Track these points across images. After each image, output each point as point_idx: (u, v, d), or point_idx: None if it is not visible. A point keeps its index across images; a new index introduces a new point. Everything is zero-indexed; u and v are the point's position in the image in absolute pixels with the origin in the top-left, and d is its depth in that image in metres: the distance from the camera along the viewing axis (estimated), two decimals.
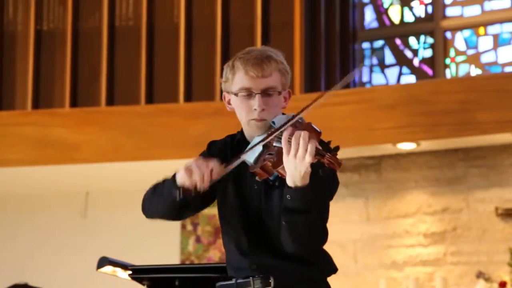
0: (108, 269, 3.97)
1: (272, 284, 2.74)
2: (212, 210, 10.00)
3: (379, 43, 8.34)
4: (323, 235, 2.72)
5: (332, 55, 7.94)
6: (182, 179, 2.69)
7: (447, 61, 8.06)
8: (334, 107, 6.97)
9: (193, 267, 4.53)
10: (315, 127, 2.62)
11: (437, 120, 6.90)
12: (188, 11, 7.92)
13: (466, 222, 7.19)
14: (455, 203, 7.23)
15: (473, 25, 8.06)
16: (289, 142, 2.56)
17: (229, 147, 2.96)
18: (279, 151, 2.62)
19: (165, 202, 2.81)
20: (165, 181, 2.81)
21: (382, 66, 8.28)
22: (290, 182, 2.58)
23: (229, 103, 2.93)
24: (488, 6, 8.05)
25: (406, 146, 7.14)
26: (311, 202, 2.62)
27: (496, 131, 6.84)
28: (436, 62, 8.08)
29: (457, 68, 8.04)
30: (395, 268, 7.29)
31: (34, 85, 8.00)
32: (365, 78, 8.32)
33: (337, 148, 2.54)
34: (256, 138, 2.79)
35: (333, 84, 7.90)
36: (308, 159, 2.51)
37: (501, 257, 7.00)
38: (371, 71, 8.31)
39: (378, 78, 8.28)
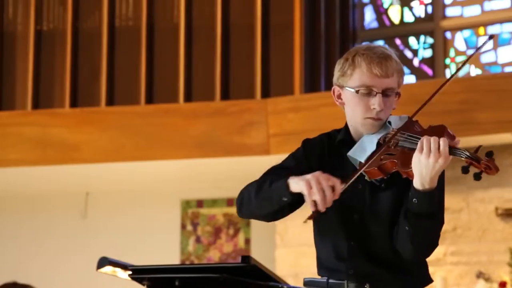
0: (108, 269, 3.97)
1: None
2: (211, 210, 9.97)
3: (379, 43, 8.34)
4: (437, 242, 2.67)
5: (332, 55, 7.94)
6: (298, 190, 2.54)
7: (447, 61, 8.06)
8: (334, 107, 6.96)
9: (193, 267, 4.53)
10: (449, 131, 2.60)
11: (437, 120, 6.87)
12: (188, 11, 7.92)
13: (466, 222, 7.19)
14: (455, 203, 7.23)
15: (473, 25, 8.06)
16: (420, 143, 2.51)
17: (326, 146, 2.84)
18: (405, 152, 2.57)
19: (270, 207, 2.68)
20: (272, 183, 2.64)
21: None
22: (418, 184, 2.52)
23: (339, 97, 2.85)
24: (488, 6, 8.05)
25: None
26: (437, 207, 2.58)
27: (496, 131, 6.84)
28: (436, 62, 8.09)
29: (457, 68, 8.04)
30: None
31: (34, 85, 8.01)
32: None
33: (491, 153, 2.53)
34: (366, 138, 2.71)
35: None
36: (443, 159, 2.48)
37: (501, 257, 7.00)
38: None
39: None
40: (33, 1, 8.11)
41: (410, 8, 8.32)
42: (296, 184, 2.55)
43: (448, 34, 8.14)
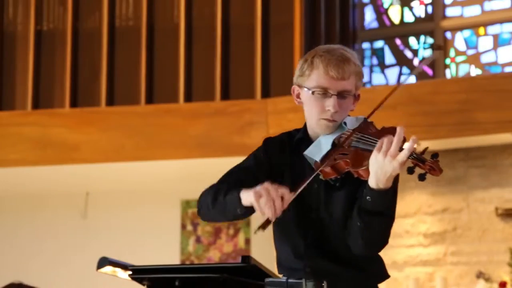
0: (108, 269, 3.97)
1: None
2: None
3: (379, 43, 8.34)
4: (388, 239, 2.71)
5: None
6: (249, 203, 2.59)
7: (447, 61, 8.06)
8: None
9: (193, 267, 4.53)
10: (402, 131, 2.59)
11: (437, 120, 6.90)
12: (188, 11, 7.92)
13: (466, 222, 7.19)
14: (455, 203, 7.23)
15: (473, 25, 8.06)
16: (373, 143, 2.55)
17: (287, 145, 2.87)
18: (357, 152, 2.60)
19: (226, 217, 2.75)
20: (226, 195, 2.70)
21: (382, 66, 8.29)
22: (373, 183, 2.54)
23: (298, 96, 2.86)
24: (488, 6, 8.05)
25: (406, 146, 7.14)
26: (390, 205, 2.60)
27: (496, 131, 6.84)
28: (436, 62, 8.09)
29: (457, 68, 8.04)
30: (395, 268, 7.29)
31: (34, 85, 8.01)
32: (365, 78, 8.31)
33: (436, 155, 2.51)
34: (322, 138, 2.75)
35: None
36: (400, 160, 2.48)
37: (501, 257, 7.00)
38: (371, 71, 8.31)
39: (378, 78, 8.28)
40: (33, 1, 8.11)
41: (410, 8, 8.32)
42: (246, 197, 2.60)
43: (448, 34, 8.13)
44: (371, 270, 2.78)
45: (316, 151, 2.72)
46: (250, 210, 2.62)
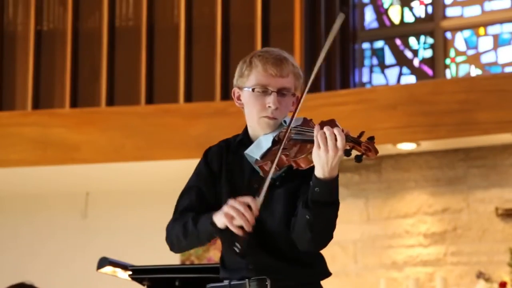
0: (108, 269, 3.97)
1: (268, 286, 2.74)
2: None
3: (379, 43, 8.34)
4: (333, 231, 2.73)
5: (332, 55, 7.94)
6: (223, 224, 2.65)
7: (447, 61, 8.06)
8: (334, 107, 6.98)
9: (193, 267, 4.53)
10: (337, 123, 2.65)
11: (437, 120, 6.90)
12: (188, 11, 7.92)
13: (466, 222, 7.19)
14: (455, 203, 7.23)
15: (473, 25, 8.06)
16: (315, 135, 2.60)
17: (224, 150, 2.97)
18: (296, 144, 2.66)
19: (201, 243, 2.83)
20: (197, 224, 2.77)
21: (382, 66, 8.29)
22: (319, 173, 2.59)
23: (238, 98, 2.98)
24: (488, 6, 8.05)
25: (406, 146, 7.14)
26: (337, 193, 2.65)
27: (496, 131, 6.84)
28: (436, 62, 8.08)
29: (457, 68, 8.04)
30: (395, 268, 7.29)
31: (34, 85, 8.00)
32: (365, 79, 8.31)
33: (372, 137, 2.58)
34: (263, 137, 2.81)
35: (333, 84, 7.90)
36: (340, 146, 2.54)
37: (501, 257, 7.00)
38: (371, 71, 8.31)
39: (378, 78, 8.28)
40: (33, 1, 8.11)
41: (410, 8, 8.32)
42: (218, 220, 2.66)
43: (448, 34, 8.13)
44: (315, 267, 2.81)
45: (257, 150, 2.78)
46: (226, 230, 2.67)
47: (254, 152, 2.78)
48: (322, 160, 2.57)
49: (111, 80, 7.95)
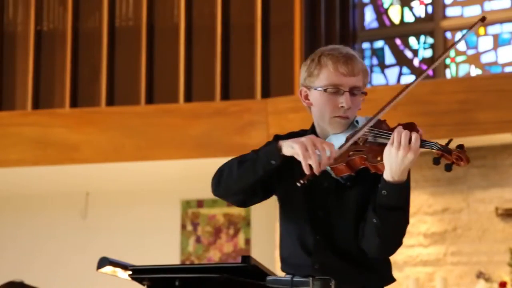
0: (108, 269, 3.97)
1: (332, 287, 2.69)
2: (211, 210, 9.95)
3: (379, 43, 8.34)
4: (403, 238, 2.68)
5: None
6: (290, 153, 2.56)
7: (447, 61, 8.06)
8: None
9: (193, 267, 4.53)
10: (417, 127, 2.62)
11: (437, 120, 6.90)
12: (188, 11, 7.92)
13: (466, 222, 7.19)
14: (455, 203, 7.23)
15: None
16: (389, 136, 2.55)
17: None
18: (374, 147, 2.61)
19: (253, 175, 2.67)
20: (258, 151, 2.68)
21: (382, 66, 8.29)
22: (388, 176, 2.55)
23: (306, 98, 2.85)
24: (488, 6, 8.05)
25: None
26: (406, 200, 2.60)
27: (496, 131, 6.84)
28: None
29: (457, 68, 8.04)
30: (395, 268, 7.26)
31: (34, 85, 8.01)
32: None
33: (462, 146, 2.54)
34: (333, 136, 2.74)
35: None
36: (414, 146, 2.51)
37: (501, 257, 7.00)
38: (371, 71, 8.31)
39: (378, 78, 8.28)
40: (33, 1, 8.11)
41: (410, 8, 8.32)
42: (289, 147, 2.58)
43: (448, 34, 8.13)
44: (381, 272, 2.77)
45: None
46: (285, 162, 2.58)
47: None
48: (391, 158, 2.52)
49: (111, 80, 7.95)
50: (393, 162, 2.53)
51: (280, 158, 2.60)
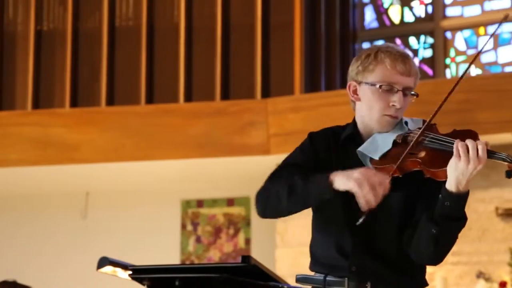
0: (108, 269, 3.97)
1: None
2: (211, 210, 9.94)
3: (379, 43, 8.34)
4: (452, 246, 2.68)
5: (332, 55, 7.94)
6: (345, 188, 2.51)
7: (447, 61, 8.06)
8: (334, 107, 6.97)
9: (193, 267, 4.53)
10: (479, 136, 2.59)
11: (437, 120, 6.89)
12: (188, 11, 7.92)
13: (466, 222, 7.18)
14: None
15: (473, 25, 8.06)
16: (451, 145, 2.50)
17: (331, 140, 2.79)
18: (431, 153, 2.56)
19: (304, 205, 2.64)
20: (307, 182, 2.58)
21: None
22: (452, 186, 2.51)
23: (355, 92, 2.80)
24: (488, 6, 8.05)
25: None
26: (464, 208, 2.58)
27: (496, 131, 6.84)
28: (436, 62, 8.08)
29: (457, 68, 8.04)
30: None
31: (34, 85, 8.01)
32: None
33: None
34: (378, 135, 2.69)
35: (333, 84, 7.90)
36: (482, 158, 2.51)
37: (501, 257, 7.00)
38: None
39: None
40: (33, 1, 8.11)
41: (410, 8, 8.32)
42: (343, 182, 2.52)
43: (448, 34, 8.13)
44: (416, 276, 2.77)
45: (372, 149, 2.65)
46: (337, 195, 2.54)
47: (369, 150, 2.64)
48: (459, 172, 2.48)
49: (111, 80, 7.96)
50: (460, 174, 2.49)
51: (333, 194, 2.55)
